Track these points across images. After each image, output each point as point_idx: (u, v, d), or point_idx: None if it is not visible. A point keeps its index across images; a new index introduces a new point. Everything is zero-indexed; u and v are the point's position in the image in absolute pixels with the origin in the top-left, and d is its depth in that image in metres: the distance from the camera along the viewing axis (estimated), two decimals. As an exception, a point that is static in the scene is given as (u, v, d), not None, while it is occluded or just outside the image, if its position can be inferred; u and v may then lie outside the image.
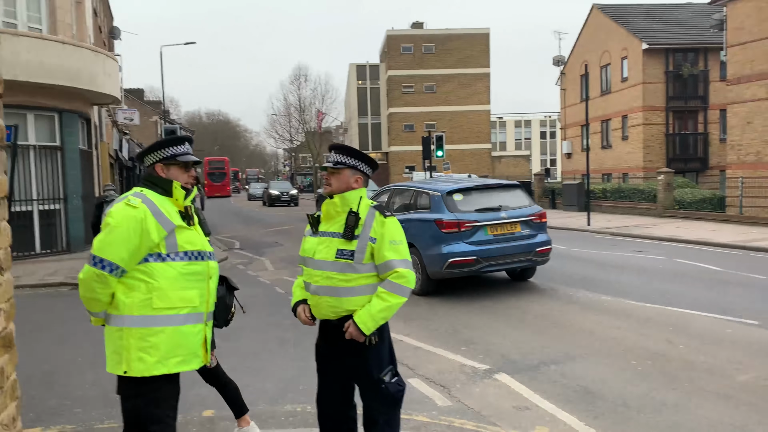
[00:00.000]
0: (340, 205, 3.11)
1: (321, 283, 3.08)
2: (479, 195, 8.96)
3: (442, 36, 56.34)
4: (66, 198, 15.10)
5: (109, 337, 2.76)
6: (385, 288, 3.01)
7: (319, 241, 3.16)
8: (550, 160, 76.16)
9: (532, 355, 5.87)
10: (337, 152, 3.19)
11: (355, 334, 3.00)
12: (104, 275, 2.63)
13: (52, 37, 14.13)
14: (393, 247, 3.04)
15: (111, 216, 2.68)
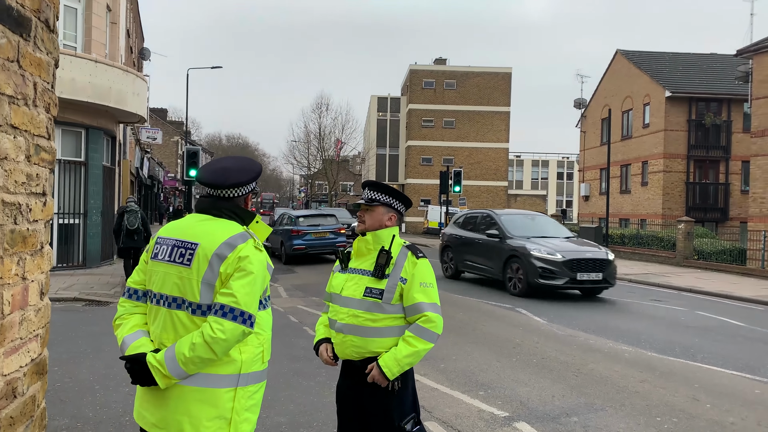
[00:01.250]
0: (372, 243, 3.04)
1: (346, 321, 2.99)
2: (312, 218, 19.88)
3: (464, 73, 56.95)
4: (86, 213, 15.23)
5: (207, 400, 2.29)
6: (413, 332, 2.91)
7: (347, 277, 3.08)
8: (566, 201, 75.89)
9: (552, 403, 5.69)
10: (371, 189, 3.13)
11: (378, 378, 2.89)
12: (250, 332, 2.29)
13: (86, 56, 14.44)
14: (423, 290, 2.95)
15: (250, 263, 2.30)
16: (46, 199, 2.04)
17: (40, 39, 1.93)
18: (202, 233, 2.37)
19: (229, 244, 2.31)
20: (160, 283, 2.38)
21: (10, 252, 1.78)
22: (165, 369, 2.23)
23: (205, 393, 2.28)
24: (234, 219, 2.44)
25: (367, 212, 3.09)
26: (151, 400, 2.35)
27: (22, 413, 1.87)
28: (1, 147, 1.70)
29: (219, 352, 2.22)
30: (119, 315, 2.48)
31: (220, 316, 2.22)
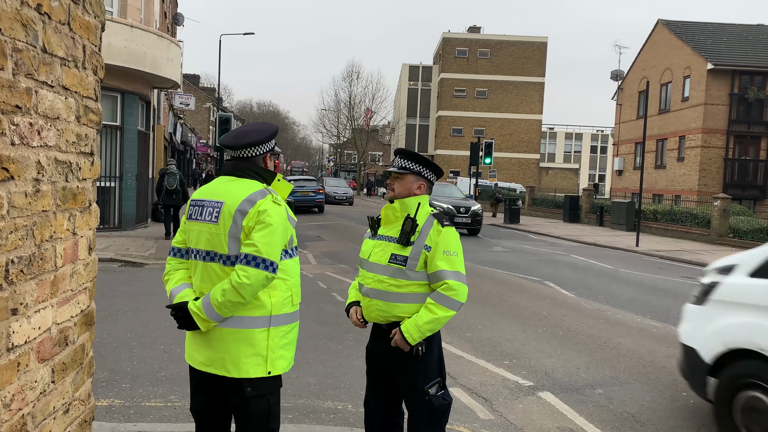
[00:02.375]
0: (399, 210, 3.09)
1: (372, 286, 3.09)
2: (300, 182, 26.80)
3: (498, 42, 55.84)
4: (122, 176, 15.58)
5: (245, 339, 2.59)
6: (434, 299, 2.96)
7: (375, 243, 3.17)
8: (598, 176, 74.57)
9: (577, 375, 5.73)
10: (402, 157, 3.17)
11: (401, 342, 2.98)
12: (273, 278, 2.56)
13: (121, 20, 14.58)
14: (446, 258, 2.98)
15: (269, 215, 2.55)
16: (93, 158, 2.13)
17: (88, 2, 1.98)
18: (226, 192, 2.64)
19: (250, 200, 2.57)
20: (196, 240, 2.67)
21: (62, 208, 1.87)
22: (203, 313, 2.55)
23: (241, 333, 2.58)
24: (255, 178, 2.68)
25: (397, 180, 3.13)
26: (200, 342, 2.65)
27: (73, 360, 1.99)
28: (54, 107, 1.77)
29: (246, 295, 2.49)
30: (167, 272, 2.82)
31: (244, 264, 2.49)
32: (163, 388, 4.95)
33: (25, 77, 1.60)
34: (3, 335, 1.55)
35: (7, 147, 1.52)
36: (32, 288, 1.69)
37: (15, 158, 1.56)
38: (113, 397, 4.73)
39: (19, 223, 1.60)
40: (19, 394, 1.64)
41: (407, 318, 2.99)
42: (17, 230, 1.59)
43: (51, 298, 1.81)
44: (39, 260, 1.72)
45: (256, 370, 2.59)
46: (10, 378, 1.59)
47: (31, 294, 1.68)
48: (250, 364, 2.59)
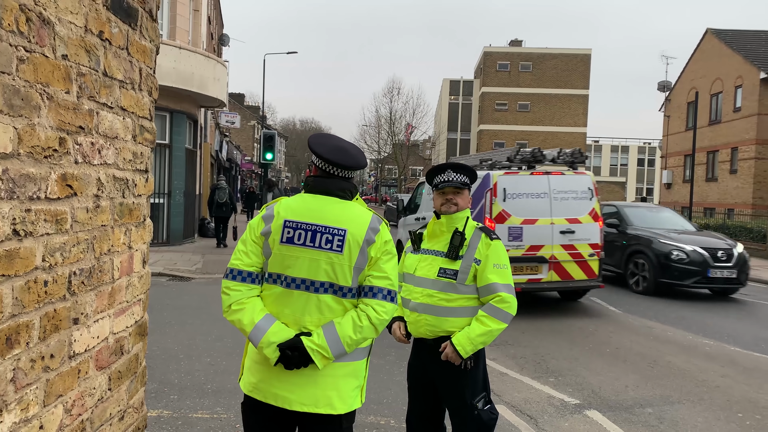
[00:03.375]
0: (446, 225, 3.11)
1: (421, 300, 3.08)
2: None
3: (540, 55, 55.41)
4: (170, 193, 16.05)
5: (351, 373, 2.41)
6: (487, 312, 2.96)
7: (420, 258, 3.17)
8: (646, 189, 72.70)
9: (625, 393, 5.58)
10: (462, 172, 3.17)
11: (452, 356, 2.97)
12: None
13: (171, 42, 15.12)
14: (497, 271, 3.00)
15: (392, 245, 2.44)
16: (148, 175, 2.22)
17: (145, 28, 2.09)
18: (346, 219, 2.37)
19: (374, 229, 2.39)
20: (303, 268, 2.34)
21: (119, 222, 1.96)
22: (328, 352, 2.29)
23: (350, 367, 2.40)
24: (350, 198, 2.48)
25: (458, 195, 3.13)
26: (297, 381, 2.35)
27: (127, 369, 2.07)
28: (113, 127, 1.87)
29: (380, 328, 2.37)
30: (237, 300, 2.37)
31: (381, 299, 2.33)
32: (210, 400, 5.05)
33: (88, 99, 1.70)
34: (65, 343, 1.63)
35: (71, 165, 1.62)
36: (92, 299, 1.77)
37: (78, 176, 1.66)
38: (162, 408, 4.85)
39: (81, 237, 1.69)
40: (79, 400, 1.72)
41: (457, 332, 2.99)
42: (79, 244, 1.68)
43: (108, 308, 1.89)
44: (98, 272, 1.81)
45: (356, 402, 2.45)
46: (72, 384, 1.67)
47: (91, 304, 1.77)
48: (353, 397, 2.43)
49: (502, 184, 8.46)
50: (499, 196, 8.40)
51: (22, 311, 1.42)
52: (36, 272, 1.47)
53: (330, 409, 2.36)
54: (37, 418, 1.51)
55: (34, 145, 1.44)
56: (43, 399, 1.53)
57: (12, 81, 1.35)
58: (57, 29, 1.52)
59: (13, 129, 1.36)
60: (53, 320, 1.56)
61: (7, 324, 1.37)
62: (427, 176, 3.34)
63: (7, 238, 1.36)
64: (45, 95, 1.48)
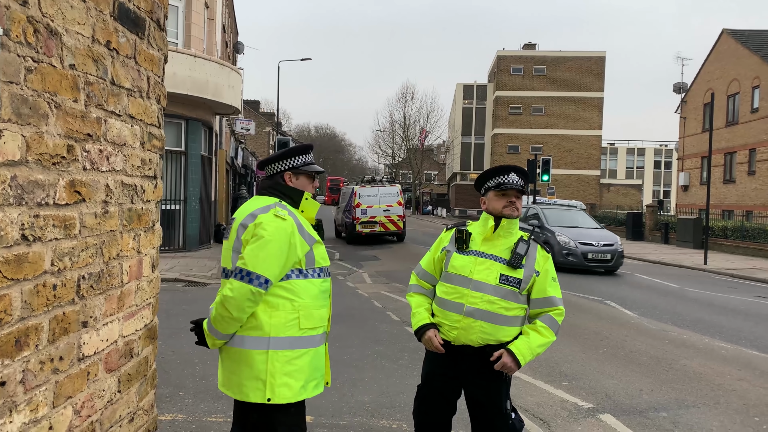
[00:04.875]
0: (507, 229, 3.01)
1: (480, 306, 2.93)
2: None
3: (554, 58, 55.16)
4: (186, 200, 16.21)
5: (244, 361, 2.46)
6: (547, 324, 2.96)
7: (475, 260, 3.00)
8: (663, 192, 71.93)
9: (640, 397, 5.53)
10: (524, 178, 3.12)
11: (510, 365, 2.88)
12: (260, 293, 2.39)
13: (186, 51, 15.31)
14: (554, 284, 3.04)
15: (263, 228, 2.43)
16: (156, 181, 2.27)
17: (152, 37, 2.14)
18: (241, 209, 2.61)
19: (253, 215, 2.51)
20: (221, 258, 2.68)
21: (128, 228, 2.00)
22: (207, 330, 2.54)
23: (241, 354, 2.47)
24: (276, 195, 2.63)
25: (518, 200, 3.08)
26: (220, 363, 2.62)
27: (137, 371, 2.11)
28: (121, 134, 1.92)
29: (231, 309, 2.38)
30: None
31: (233, 277, 2.43)
32: (224, 404, 5.09)
33: (96, 107, 1.74)
34: (75, 346, 1.67)
35: (79, 172, 1.66)
36: (101, 302, 1.81)
37: (86, 182, 1.70)
38: (176, 412, 4.90)
39: (89, 241, 1.73)
40: (88, 402, 1.76)
41: (510, 341, 2.94)
42: (88, 248, 1.72)
43: (118, 312, 1.93)
44: (107, 276, 1.85)
45: (256, 395, 2.44)
46: (81, 386, 1.71)
47: (100, 308, 1.81)
48: (250, 388, 2.45)
49: (358, 190, 21.21)
50: (358, 195, 20.98)
51: (31, 314, 1.46)
52: (45, 276, 1.52)
53: (231, 393, 2.53)
54: (46, 418, 1.54)
55: (42, 153, 1.49)
56: (53, 400, 1.57)
57: (20, 90, 1.39)
58: (64, 40, 1.56)
59: (21, 137, 1.40)
60: (62, 323, 1.60)
61: (17, 327, 1.41)
62: (483, 176, 3.19)
63: (16, 243, 1.40)
64: (53, 104, 1.52)
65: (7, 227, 1.36)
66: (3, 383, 1.37)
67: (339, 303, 9.71)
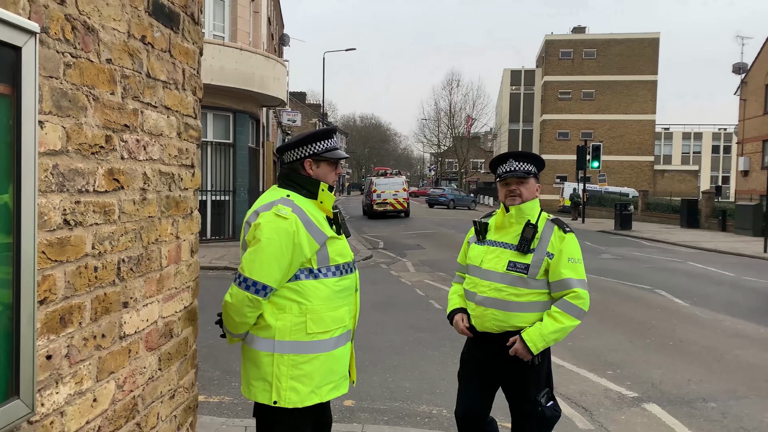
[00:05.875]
0: (516, 217, 2.95)
1: (488, 294, 2.92)
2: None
3: (605, 41, 53.53)
4: (235, 190, 16.61)
5: (252, 360, 2.41)
6: (561, 308, 2.82)
7: (487, 250, 3.00)
8: (722, 177, 69.08)
9: (687, 387, 5.39)
10: (525, 160, 3.02)
11: (522, 351, 2.83)
12: (258, 300, 2.28)
13: (232, 45, 15.63)
14: (571, 265, 2.86)
15: (260, 230, 2.29)
16: (194, 170, 2.36)
17: (187, 31, 2.22)
18: (254, 204, 2.49)
19: (256, 213, 2.37)
20: None
21: (166, 214, 2.10)
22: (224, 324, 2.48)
23: (250, 352, 2.42)
24: (291, 187, 2.46)
25: (522, 185, 2.98)
26: None
27: (177, 351, 2.22)
28: (158, 125, 2.01)
29: (232, 313, 2.34)
30: None
31: (233, 281, 2.35)
32: (268, 387, 5.25)
33: (132, 100, 1.83)
34: (116, 325, 1.78)
35: (117, 161, 1.76)
36: (140, 284, 1.92)
37: (124, 170, 1.80)
38: (224, 395, 5.09)
39: (128, 227, 1.83)
40: (130, 378, 1.87)
41: (527, 327, 2.86)
42: (127, 233, 1.82)
43: (157, 294, 2.04)
44: (146, 260, 1.95)
45: (263, 396, 2.37)
46: (123, 363, 1.82)
47: (140, 290, 1.91)
48: (257, 388, 2.38)
49: (375, 180, 30.44)
50: (374, 184, 29.96)
51: (74, 294, 1.57)
52: (86, 259, 1.62)
53: (243, 388, 2.48)
54: (90, 391, 1.65)
55: (82, 143, 1.58)
56: (96, 375, 1.68)
57: (60, 84, 1.48)
58: (101, 36, 1.65)
59: (62, 128, 1.50)
60: (104, 303, 1.70)
61: (61, 305, 1.51)
62: (491, 166, 3.19)
63: (59, 227, 1.50)
64: (91, 97, 1.62)
65: (50, 212, 1.46)
66: (49, 357, 1.47)
67: (382, 291, 9.80)
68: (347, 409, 4.79)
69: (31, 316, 1.36)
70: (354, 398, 4.92)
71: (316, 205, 2.45)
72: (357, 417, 4.63)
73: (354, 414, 4.70)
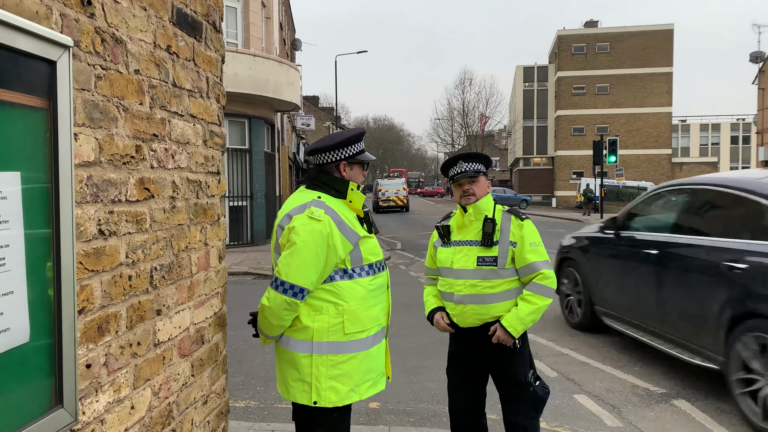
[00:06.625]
0: (474, 214, 3.13)
1: (466, 292, 3.10)
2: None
3: (617, 34, 53.05)
4: (252, 196, 16.72)
5: (290, 362, 2.42)
6: (532, 290, 3.03)
7: (454, 250, 3.18)
8: (742, 168, 68.07)
9: (719, 383, 5.31)
10: (473, 161, 3.20)
11: (504, 338, 3.01)
12: (295, 303, 2.29)
13: (245, 51, 15.73)
14: (534, 249, 3.06)
15: (296, 233, 2.29)
16: (220, 177, 2.38)
17: (209, 39, 2.24)
18: (285, 206, 2.46)
19: (289, 216, 2.37)
20: None
21: (195, 221, 2.12)
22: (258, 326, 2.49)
23: (288, 355, 2.42)
24: (320, 188, 2.46)
25: (474, 184, 3.16)
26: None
27: (209, 357, 2.24)
28: (185, 133, 2.03)
29: (270, 317, 2.34)
30: None
31: (270, 285, 2.35)
32: (293, 391, 5.27)
33: (160, 109, 1.85)
34: (150, 332, 1.80)
35: (147, 170, 1.78)
36: (172, 292, 1.94)
37: (154, 179, 1.82)
38: (249, 399, 5.12)
39: (159, 235, 1.85)
40: (165, 384, 1.88)
41: (505, 314, 3.05)
42: (158, 242, 1.84)
43: (188, 301, 2.06)
44: (177, 267, 1.97)
45: (303, 397, 2.39)
46: (158, 370, 1.84)
47: (172, 297, 1.93)
48: (297, 389, 2.40)
49: (380, 181, 40.12)
50: (379, 184, 39.45)
51: (110, 303, 1.59)
52: (121, 268, 1.64)
53: (281, 391, 2.49)
54: (128, 399, 1.67)
55: (114, 153, 1.60)
56: (133, 382, 1.70)
57: (91, 96, 1.51)
58: (129, 47, 1.67)
59: (95, 140, 1.52)
60: (138, 311, 1.72)
61: (98, 314, 1.54)
62: (442, 170, 3.36)
63: (94, 238, 1.52)
64: (121, 107, 1.64)
65: (86, 223, 1.48)
66: (89, 366, 1.49)
67: (402, 292, 9.78)
68: (373, 411, 4.79)
69: (72, 326, 1.38)
70: (379, 400, 4.92)
71: (346, 204, 2.47)
72: (383, 419, 4.63)
73: (380, 416, 4.70)
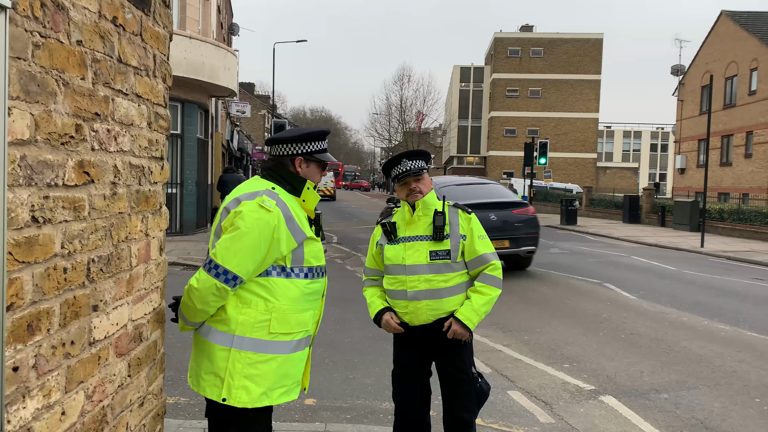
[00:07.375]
0: (423, 209, 3.15)
1: (420, 288, 3.09)
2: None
3: (551, 40, 54.82)
4: (182, 183, 16.12)
5: (206, 353, 2.30)
6: (484, 282, 3.08)
7: (404, 246, 3.16)
8: (659, 175, 72.00)
9: (641, 379, 5.55)
10: (417, 158, 3.21)
11: (460, 331, 3.03)
12: (225, 289, 2.17)
13: (181, 32, 15.11)
14: (482, 242, 3.14)
15: (241, 218, 2.19)
16: (163, 163, 2.22)
17: (158, 14, 2.08)
18: (233, 191, 2.38)
19: (237, 200, 2.27)
20: None
21: (136, 210, 1.96)
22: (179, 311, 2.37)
23: (205, 345, 2.30)
24: (276, 180, 2.39)
25: (419, 182, 3.16)
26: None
27: (147, 355, 2.08)
28: (129, 114, 1.87)
29: (195, 300, 2.21)
30: None
31: (202, 266, 2.23)
32: (226, 387, 5.09)
33: (103, 86, 1.69)
34: (86, 330, 1.64)
35: (88, 152, 1.61)
36: (110, 286, 1.78)
37: (95, 163, 1.66)
38: (179, 395, 4.90)
39: (98, 224, 1.69)
40: (100, 387, 1.73)
41: (459, 308, 3.07)
42: (97, 231, 1.68)
43: (127, 295, 1.90)
44: (116, 259, 1.81)
45: (212, 391, 2.26)
46: (92, 371, 1.68)
47: (110, 291, 1.78)
48: (208, 382, 2.27)
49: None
50: None
51: (42, 298, 1.43)
52: (55, 259, 1.48)
53: (191, 382, 2.38)
54: (59, 404, 1.52)
55: (51, 132, 1.44)
56: (65, 385, 1.54)
57: (28, 67, 1.34)
58: (71, 14, 1.51)
59: (30, 115, 1.35)
60: (73, 307, 1.57)
61: (28, 311, 1.38)
62: (384, 169, 3.34)
63: (26, 225, 1.36)
64: (61, 81, 1.47)
65: (18, 208, 1.32)
66: (16, 368, 1.33)
67: (338, 286, 9.69)
68: (309, 407, 4.70)
69: (-1, 325, 1.22)
70: (315, 396, 4.83)
71: (299, 202, 2.40)
72: (319, 416, 4.54)
73: (316, 413, 4.61)
